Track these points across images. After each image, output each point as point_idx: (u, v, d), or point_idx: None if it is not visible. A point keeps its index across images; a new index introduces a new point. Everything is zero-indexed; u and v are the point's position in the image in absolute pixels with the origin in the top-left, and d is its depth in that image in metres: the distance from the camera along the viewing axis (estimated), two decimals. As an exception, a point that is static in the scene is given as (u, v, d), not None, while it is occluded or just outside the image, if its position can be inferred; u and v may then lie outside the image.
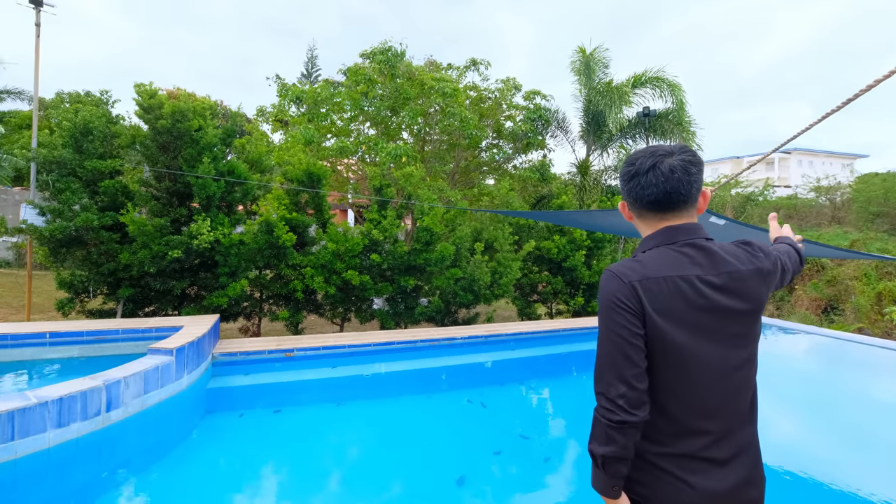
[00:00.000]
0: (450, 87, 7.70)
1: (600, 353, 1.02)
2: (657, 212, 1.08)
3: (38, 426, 2.75)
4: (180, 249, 4.68)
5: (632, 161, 1.09)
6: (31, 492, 2.66)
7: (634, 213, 1.14)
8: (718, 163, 39.10)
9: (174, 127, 4.73)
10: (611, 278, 1.04)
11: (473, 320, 7.27)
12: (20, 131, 15.61)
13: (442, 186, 7.95)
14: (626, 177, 1.10)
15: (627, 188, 1.11)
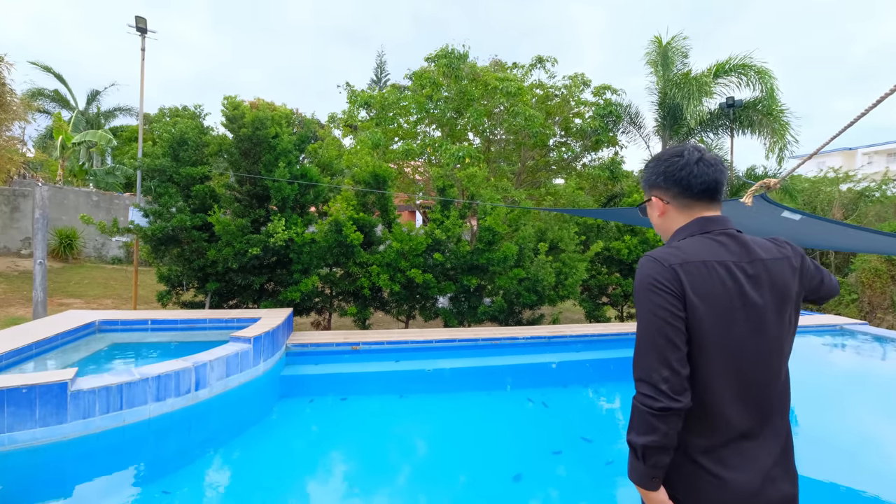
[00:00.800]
0: (514, 86, 7.58)
1: (640, 337, 1.00)
2: (704, 200, 1.10)
3: (141, 399, 3.06)
4: (259, 247, 5.03)
5: (678, 153, 1.11)
6: (136, 454, 2.97)
7: (677, 203, 1.13)
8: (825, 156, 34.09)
9: (254, 135, 5.14)
10: (651, 262, 1.03)
11: (538, 321, 7.06)
12: (130, 143, 18.17)
13: (506, 186, 7.82)
14: (676, 167, 1.10)
15: (677, 177, 1.10)
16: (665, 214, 1.15)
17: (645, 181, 1.19)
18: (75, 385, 2.81)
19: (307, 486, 2.89)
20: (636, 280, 1.03)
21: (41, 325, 4.10)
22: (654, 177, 1.14)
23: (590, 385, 4.91)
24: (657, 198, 1.15)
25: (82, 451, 2.80)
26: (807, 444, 3.60)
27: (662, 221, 1.17)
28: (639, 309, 1.01)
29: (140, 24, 5.76)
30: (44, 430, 2.71)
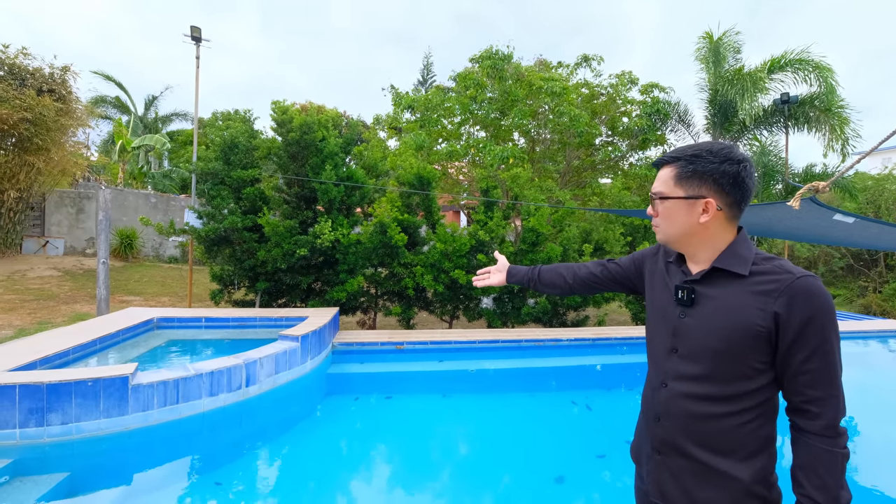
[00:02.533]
0: (558, 86, 7.35)
1: (837, 375, 0.92)
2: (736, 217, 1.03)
3: (195, 394, 3.07)
4: (306, 248, 5.06)
5: (745, 158, 0.99)
6: (191, 446, 3.01)
7: (729, 212, 1.01)
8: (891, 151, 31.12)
9: (302, 138, 5.19)
10: (819, 280, 0.96)
11: (583, 323, 6.84)
12: (185, 147, 19.15)
13: (550, 187, 7.59)
14: (747, 173, 0.99)
15: (746, 185, 0.99)
16: (711, 221, 0.99)
17: (697, 173, 0.98)
18: (135, 379, 2.85)
19: (352, 481, 2.86)
20: (825, 300, 0.91)
21: (104, 321, 4.26)
22: (718, 175, 0.97)
23: (635, 388, 4.70)
24: (712, 199, 0.98)
25: (142, 441, 2.83)
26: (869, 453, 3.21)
27: (701, 227, 1.00)
28: (834, 341, 0.91)
29: (195, 33, 6.00)
30: (107, 421, 2.75)
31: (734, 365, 0.94)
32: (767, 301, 0.91)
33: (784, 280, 0.92)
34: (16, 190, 9.65)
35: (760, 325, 0.91)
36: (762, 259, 0.97)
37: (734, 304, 0.95)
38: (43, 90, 9.31)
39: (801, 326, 0.88)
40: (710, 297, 0.99)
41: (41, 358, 3.13)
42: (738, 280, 0.96)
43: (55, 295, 7.78)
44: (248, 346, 3.80)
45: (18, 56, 9.24)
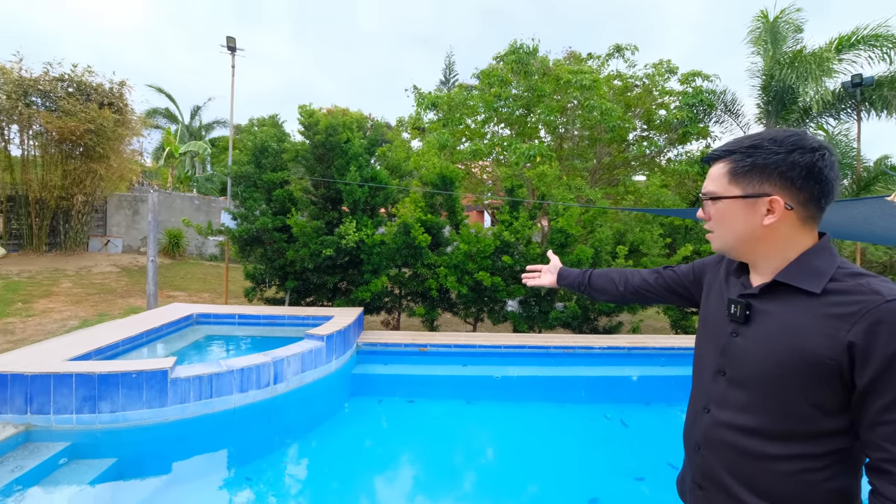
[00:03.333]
0: (588, 79, 7.16)
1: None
2: (815, 218, 0.86)
3: (227, 389, 3.31)
4: (331, 248, 5.27)
5: (817, 145, 0.82)
6: (223, 440, 3.25)
7: (803, 213, 0.84)
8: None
9: (327, 140, 5.41)
10: None
11: (616, 329, 6.62)
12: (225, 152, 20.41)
13: (580, 185, 7.43)
14: (826, 162, 0.81)
15: (825, 177, 0.81)
16: (778, 223, 0.83)
17: (758, 167, 0.83)
18: (174, 373, 3.11)
19: (374, 485, 2.97)
20: None
21: (151, 315, 4.65)
22: (786, 167, 0.80)
23: (676, 404, 4.45)
24: (779, 196, 0.82)
25: (179, 433, 3.09)
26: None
27: (767, 231, 0.84)
28: None
29: (230, 43, 6.39)
30: (149, 411, 3.03)
31: (789, 399, 0.80)
32: (840, 327, 0.75)
33: (868, 303, 0.74)
34: (83, 194, 10.69)
35: (828, 357, 0.75)
36: (846, 275, 0.80)
37: (796, 326, 0.80)
38: (104, 103, 10.28)
39: (884, 364, 0.71)
40: (768, 315, 0.84)
41: (95, 349, 3.49)
42: (807, 298, 0.80)
43: (113, 289, 8.54)
44: (276, 343, 4.03)
45: (84, 74, 10.23)
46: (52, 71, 9.85)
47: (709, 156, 0.92)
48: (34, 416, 2.89)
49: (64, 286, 8.26)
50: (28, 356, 3.22)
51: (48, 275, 8.91)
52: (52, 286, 8.16)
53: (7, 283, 7.97)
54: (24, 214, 10.33)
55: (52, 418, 2.90)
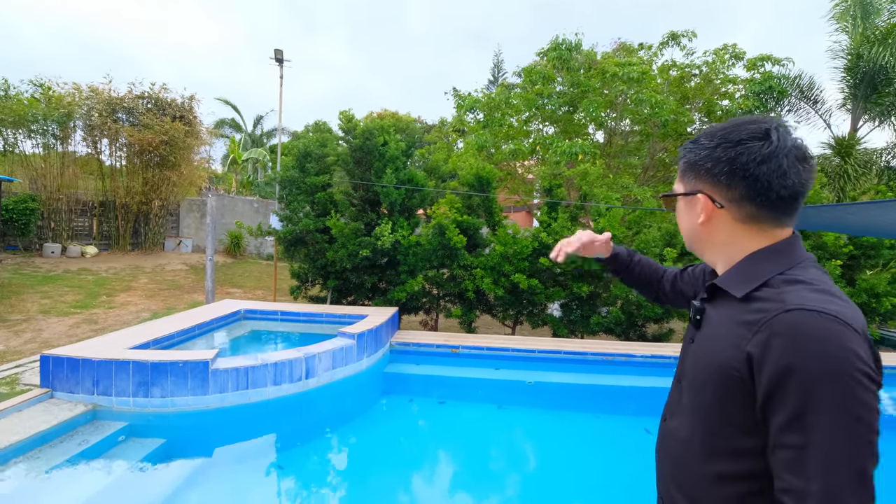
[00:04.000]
0: (636, 71, 6.78)
1: (834, 460, 0.60)
2: (783, 214, 0.76)
3: (262, 382, 3.54)
4: (368, 249, 5.45)
5: (760, 132, 0.74)
6: (258, 429, 3.48)
7: (737, 212, 0.78)
8: None
9: (364, 144, 5.60)
10: (843, 329, 0.63)
11: (666, 337, 6.21)
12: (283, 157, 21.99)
13: (626, 184, 7.07)
14: (754, 155, 0.73)
15: (753, 173, 0.73)
16: (713, 222, 0.80)
17: (689, 164, 0.81)
18: (215, 364, 3.38)
19: (401, 483, 3.03)
20: (827, 357, 0.61)
21: (204, 311, 5.08)
22: (711, 163, 0.76)
23: None
24: (705, 195, 0.79)
25: (218, 419, 3.35)
26: None
27: (703, 231, 0.82)
28: (831, 411, 0.61)
29: (278, 55, 6.84)
30: (193, 398, 3.32)
31: (716, 412, 0.74)
32: (745, 336, 0.69)
33: (770, 311, 0.67)
34: (159, 199, 11.99)
35: (734, 369, 0.70)
36: (783, 281, 0.72)
37: (717, 334, 0.77)
38: (176, 116, 11.44)
39: (776, 378, 0.63)
40: (709, 321, 0.81)
41: (153, 339, 3.88)
42: (733, 304, 0.76)
43: (181, 285, 9.43)
44: (314, 339, 4.25)
45: (161, 91, 11.46)
46: (135, 90, 11.16)
47: None
48: (99, 397, 3.27)
49: (141, 282, 9.26)
50: (98, 344, 3.65)
51: (129, 271, 10.04)
52: (132, 282, 9.17)
53: (96, 279, 9.08)
54: (113, 218, 11.74)
55: (114, 400, 3.27)
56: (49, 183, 10.69)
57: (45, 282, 8.34)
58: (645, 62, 7.80)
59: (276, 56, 6.91)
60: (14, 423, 2.94)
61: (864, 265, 6.27)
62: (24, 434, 2.82)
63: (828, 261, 5.99)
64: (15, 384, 3.78)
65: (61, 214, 10.87)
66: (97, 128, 10.72)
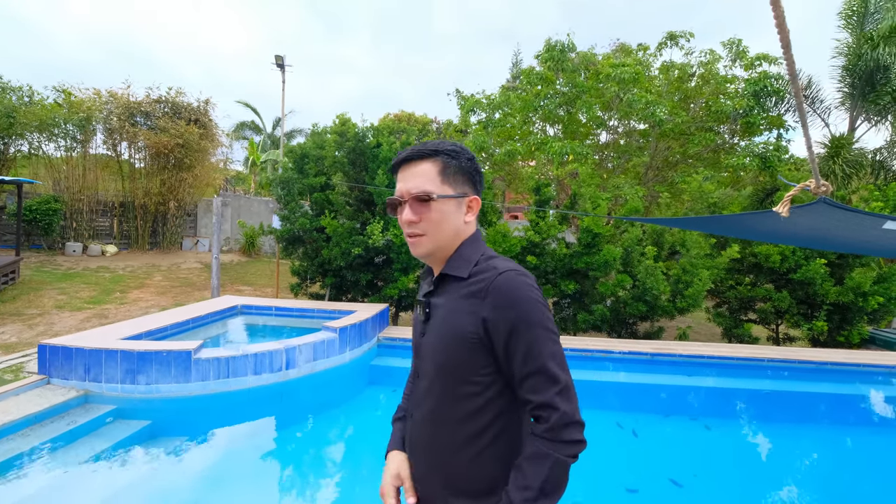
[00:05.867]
0: (627, 72, 6.72)
1: (559, 361, 0.84)
2: None
3: (242, 371, 3.64)
4: (360, 247, 5.53)
5: (465, 149, 0.99)
6: (238, 415, 3.59)
7: (479, 208, 1.00)
8: None
9: (357, 146, 5.68)
10: (531, 280, 0.88)
11: (657, 335, 6.16)
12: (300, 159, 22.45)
13: (617, 184, 7.00)
14: (478, 166, 1.01)
15: (479, 177, 1.00)
16: (472, 220, 0.97)
17: (459, 171, 0.93)
18: (198, 354, 3.49)
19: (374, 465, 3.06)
20: (525, 292, 0.84)
21: (202, 305, 5.23)
22: (472, 171, 0.95)
23: (701, 418, 4.13)
24: (477, 199, 0.97)
25: (201, 406, 3.47)
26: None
27: (465, 228, 0.95)
28: (543, 320, 0.83)
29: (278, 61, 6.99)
30: (176, 385, 3.43)
31: (458, 380, 0.86)
32: (476, 304, 0.84)
33: (489, 278, 0.84)
34: (175, 200, 12.33)
35: (473, 333, 0.84)
36: (485, 259, 0.90)
37: (453, 310, 0.88)
38: (191, 120, 11.72)
39: (508, 328, 0.81)
40: (438, 308, 0.92)
41: (146, 331, 4.03)
42: (459, 284, 0.89)
43: (194, 283, 9.69)
44: (304, 333, 4.34)
45: (177, 95, 11.79)
46: (153, 94, 11.50)
47: (409, 154, 0.93)
48: (90, 383, 3.41)
49: (155, 279, 9.55)
50: (93, 335, 3.81)
51: (145, 270, 10.36)
52: (146, 279, 9.47)
53: (113, 276, 9.41)
54: (132, 218, 12.13)
55: (104, 386, 3.41)
56: (71, 184, 11.12)
57: (63, 279, 8.69)
58: (641, 63, 7.71)
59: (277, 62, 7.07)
60: (10, 405, 3.09)
61: (852, 264, 6.09)
62: (17, 415, 2.97)
63: (813, 259, 5.85)
64: (19, 372, 3.98)
65: (83, 215, 11.28)
66: (116, 131, 11.11)
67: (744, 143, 8.59)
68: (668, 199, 7.71)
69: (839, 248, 4.60)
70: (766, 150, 7.71)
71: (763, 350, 5.14)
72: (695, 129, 8.28)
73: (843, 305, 5.90)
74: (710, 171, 8.56)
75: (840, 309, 5.98)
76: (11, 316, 6.16)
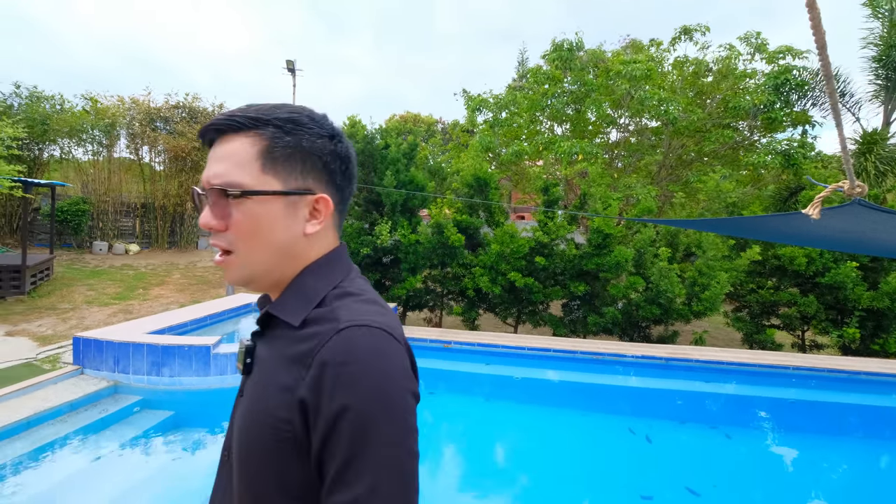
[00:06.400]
0: (639, 68, 6.80)
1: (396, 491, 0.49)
2: (341, 223, 0.69)
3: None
4: (369, 247, 5.82)
5: (320, 119, 0.63)
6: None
7: (340, 217, 0.67)
8: None
9: (366, 148, 5.97)
10: (390, 345, 0.54)
11: (671, 339, 6.16)
12: None
13: (629, 183, 7.10)
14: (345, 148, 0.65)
15: (350, 170, 0.66)
16: (322, 231, 0.63)
17: (297, 153, 0.60)
18: (216, 349, 3.83)
19: None
20: (374, 366, 0.52)
21: (219, 303, 5.62)
22: (328, 156, 0.62)
23: (719, 426, 4.09)
24: (326, 197, 0.62)
25: (219, 399, 3.79)
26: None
27: (306, 244, 0.62)
28: (392, 429, 0.51)
29: (289, 65, 7.37)
30: (197, 378, 3.78)
31: (260, 480, 0.55)
32: (298, 376, 0.53)
33: (323, 336, 0.53)
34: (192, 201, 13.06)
35: (285, 421, 0.53)
36: (336, 296, 0.59)
37: (268, 379, 0.57)
38: None
39: (330, 422, 0.49)
40: (260, 363, 0.61)
41: (169, 326, 4.41)
42: (287, 333, 0.58)
43: (209, 280, 10.21)
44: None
45: (193, 101, 12.52)
46: (171, 100, 12.24)
47: (217, 123, 0.61)
48: (119, 374, 3.80)
49: (174, 277, 10.11)
50: (122, 329, 4.20)
51: (165, 268, 10.96)
52: (166, 276, 10.04)
53: (136, 274, 10.02)
54: (153, 218, 12.86)
55: (132, 377, 3.78)
56: (98, 187, 11.88)
57: (92, 276, 9.32)
58: (654, 59, 7.76)
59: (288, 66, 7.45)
60: (49, 393, 3.49)
61: (888, 268, 6.02)
62: (56, 402, 3.37)
63: (842, 262, 5.82)
64: (56, 362, 4.41)
65: (108, 215, 12.07)
66: (138, 136, 11.92)
67: (765, 139, 8.54)
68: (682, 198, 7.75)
69: (874, 252, 4.61)
70: (790, 147, 7.65)
71: (788, 357, 5.00)
72: (711, 125, 8.27)
73: (878, 311, 5.76)
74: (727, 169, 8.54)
75: (874, 315, 5.82)
76: (47, 310, 6.73)
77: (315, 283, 0.61)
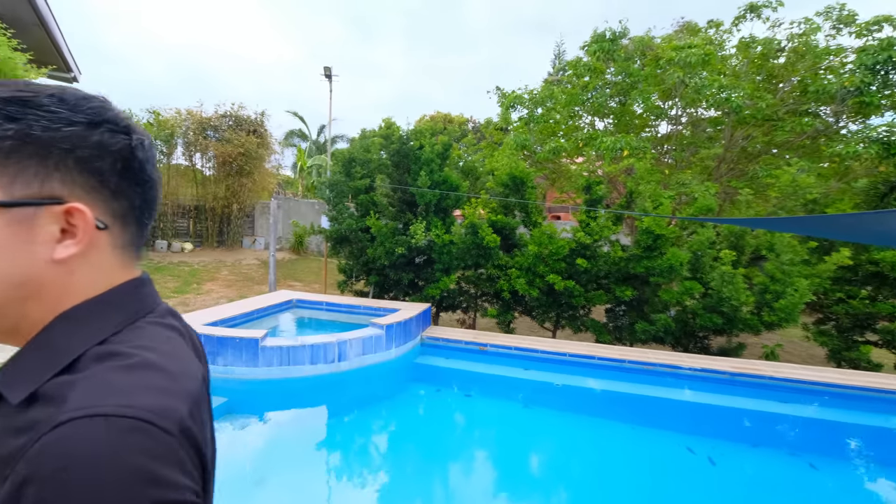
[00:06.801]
0: (695, 54, 6.66)
1: None
2: (135, 244, 0.56)
3: (300, 360, 4.44)
4: (403, 247, 6.22)
5: (136, 127, 0.54)
6: (297, 401, 4.40)
7: (126, 237, 0.54)
8: None
9: (401, 148, 6.36)
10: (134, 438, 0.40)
11: (736, 352, 5.85)
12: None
13: (683, 180, 6.98)
14: (151, 158, 0.55)
15: (149, 178, 0.55)
16: (83, 256, 0.50)
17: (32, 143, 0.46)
18: (263, 342, 4.34)
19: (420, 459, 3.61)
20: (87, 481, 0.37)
21: (263, 299, 6.24)
22: (90, 150, 0.49)
23: (801, 453, 3.84)
24: (80, 208, 0.48)
25: (266, 389, 4.32)
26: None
27: (59, 274, 0.49)
28: None
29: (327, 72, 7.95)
30: (247, 369, 4.31)
31: None
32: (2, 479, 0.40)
33: (40, 428, 0.40)
34: (237, 203, 14.43)
35: None
36: (95, 357, 0.46)
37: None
38: (250, 131, 14.10)
39: None
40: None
41: (221, 319, 5.01)
42: (8, 411, 0.45)
43: (253, 277, 11.12)
44: (352, 328, 5.09)
45: (238, 109, 13.95)
46: (219, 110, 13.81)
47: None
48: (179, 363, 4.39)
49: (223, 274, 11.12)
50: (180, 322, 4.83)
51: (214, 265, 12.06)
52: (216, 273, 11.06)
53: (191, 270, 11.12)
54: (204, 219, 14.36)
55: (189, 366, 4.37)
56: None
57: (155, 272, 10.51)
58: (712, 42, 7.53)
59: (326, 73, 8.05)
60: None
61: None
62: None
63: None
64: (123, 351, 5.12)
65: (167, 217, 13.80)
66: (192, 144, 13.67)
67: (855, 126, 7.98)
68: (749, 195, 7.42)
69: None
70: (890, 133, 7.05)
71: (891, 380, 4.61)
72: (784, 112, 7.87)
73: None
74: (805, 161, 8.07)
75: None
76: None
77: (67, 336, 0.48)
